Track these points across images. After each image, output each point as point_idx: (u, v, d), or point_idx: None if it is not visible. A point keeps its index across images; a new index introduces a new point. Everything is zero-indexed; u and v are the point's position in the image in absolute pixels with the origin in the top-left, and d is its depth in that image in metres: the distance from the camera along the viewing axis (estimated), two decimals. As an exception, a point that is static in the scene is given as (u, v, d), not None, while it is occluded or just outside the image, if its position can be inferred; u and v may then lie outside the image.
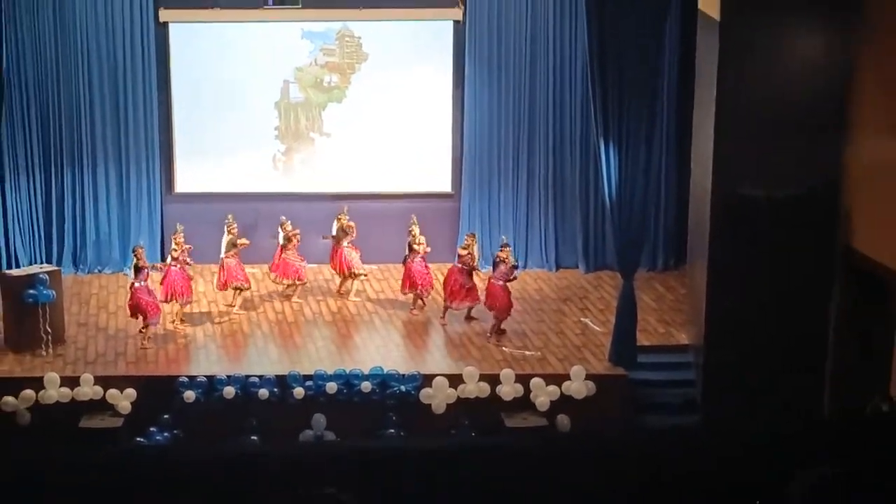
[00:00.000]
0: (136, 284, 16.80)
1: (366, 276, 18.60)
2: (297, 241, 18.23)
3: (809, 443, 7.16)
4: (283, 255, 18.27)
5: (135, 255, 17.04)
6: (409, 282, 17.90)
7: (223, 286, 17.94)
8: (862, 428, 7.42)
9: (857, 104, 14.76)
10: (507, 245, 17.69)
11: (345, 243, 18.34)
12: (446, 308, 17.66)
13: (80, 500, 6.70)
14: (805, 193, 15.16)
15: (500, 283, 17.22)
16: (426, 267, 17.91)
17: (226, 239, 17.94)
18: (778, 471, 5.78)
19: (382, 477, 7.32)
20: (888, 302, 14.03)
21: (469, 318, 17.66)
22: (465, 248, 17.69)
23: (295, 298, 18.40)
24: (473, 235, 18.14)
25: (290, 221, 18.32)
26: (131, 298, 16.87)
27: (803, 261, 15.24)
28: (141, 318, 16.85)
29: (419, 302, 17.99)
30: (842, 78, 14.88)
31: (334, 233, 18.50)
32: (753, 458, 7.49)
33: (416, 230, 17.98)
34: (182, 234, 17.62)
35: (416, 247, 17.82)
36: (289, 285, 18.41)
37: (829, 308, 15.24)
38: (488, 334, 17.21)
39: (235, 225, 18.07)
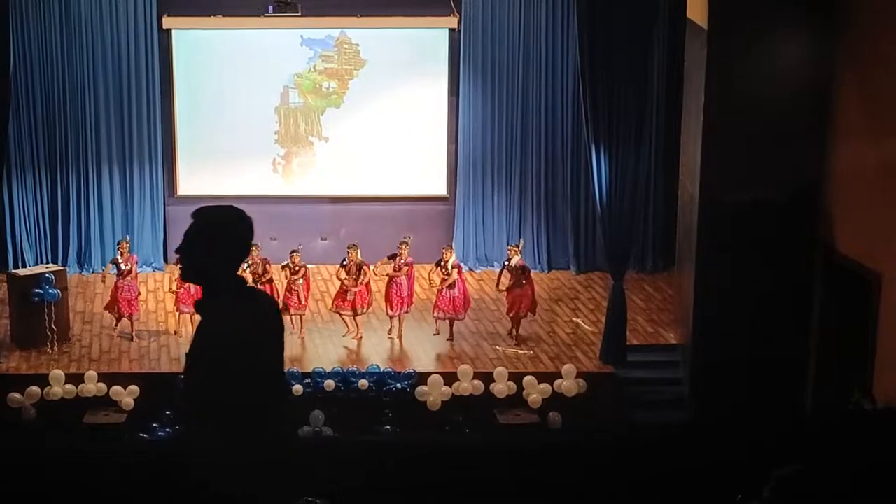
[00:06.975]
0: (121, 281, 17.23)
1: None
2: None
3: (792, 439, 7.47)
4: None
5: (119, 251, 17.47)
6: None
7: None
8: (843, 425, 7.72)
9: (838, 109, 14.90)
10: (512, 246, 17.81)
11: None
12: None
13: (84, 493, 7.04)
14: (788, 197, 15.30)
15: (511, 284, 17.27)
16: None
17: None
18: (761, 466, 6.00)
19: (378, 471, 7.67)
20: (868, 301, 14.13)
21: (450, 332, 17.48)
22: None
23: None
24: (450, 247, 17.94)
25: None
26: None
27: (787, 262, 15.38)
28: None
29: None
30: (823, 84, 15.03)
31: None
32: (738, 453, 7.82)
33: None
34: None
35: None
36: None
37: (811, 307, 15.36)
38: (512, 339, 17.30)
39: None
